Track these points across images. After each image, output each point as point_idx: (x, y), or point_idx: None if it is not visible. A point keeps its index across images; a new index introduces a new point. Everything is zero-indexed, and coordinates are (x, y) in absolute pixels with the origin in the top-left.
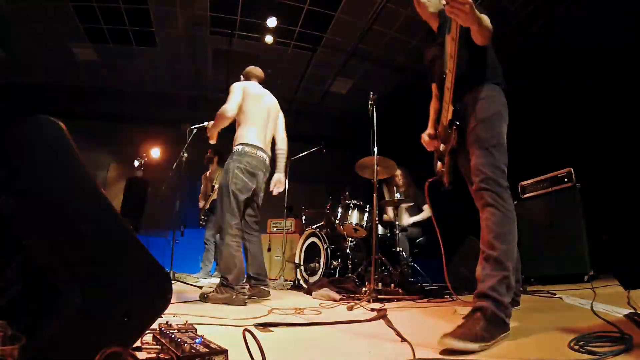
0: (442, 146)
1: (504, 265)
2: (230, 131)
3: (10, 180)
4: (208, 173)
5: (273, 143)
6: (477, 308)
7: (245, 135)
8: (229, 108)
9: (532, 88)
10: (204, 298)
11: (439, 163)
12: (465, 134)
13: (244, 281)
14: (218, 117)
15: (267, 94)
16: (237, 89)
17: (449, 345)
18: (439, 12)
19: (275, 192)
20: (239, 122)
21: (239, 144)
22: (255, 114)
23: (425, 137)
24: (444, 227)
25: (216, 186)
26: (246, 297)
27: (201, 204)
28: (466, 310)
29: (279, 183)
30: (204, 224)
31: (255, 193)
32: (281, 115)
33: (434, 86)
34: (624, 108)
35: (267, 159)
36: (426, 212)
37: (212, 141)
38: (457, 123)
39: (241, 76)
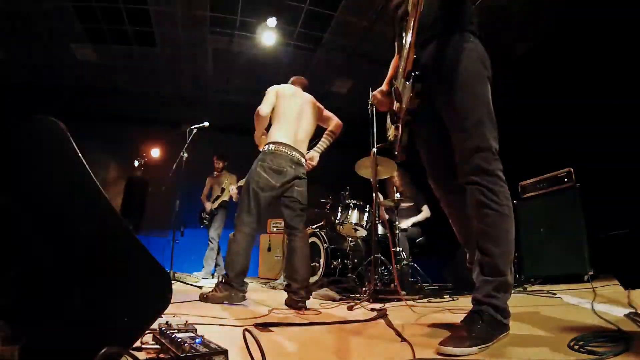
0: (396, 105)
1: (501, 271)
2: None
3: (11, 181)
4: (215, 175)
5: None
6: (474, 311)
7: (273, 134)
8: (263, 108)
9: (532, 88)
10: (204, 298)
11: (392, 128)
12: (431, 95)
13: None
14: (255, 119)
15: (301, 93)
16: (271, 91)
17: (447, 351)
18: None
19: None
20: (271, 123)
21: (267, 144)
22: (286, 112)
23: (377, 94)
24: (445, 226)
25: (226, 189)
26: (245, 294)
27: (207, 205)
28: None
29: (310, 159)
30: (207, 222)
31: (286, 190)
32: (322, 109)
33: (397, 43)
34: (624, 108)
35: (297, 155)
36: (425, 212)
37: (261, 147)
38: (417, 73)
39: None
